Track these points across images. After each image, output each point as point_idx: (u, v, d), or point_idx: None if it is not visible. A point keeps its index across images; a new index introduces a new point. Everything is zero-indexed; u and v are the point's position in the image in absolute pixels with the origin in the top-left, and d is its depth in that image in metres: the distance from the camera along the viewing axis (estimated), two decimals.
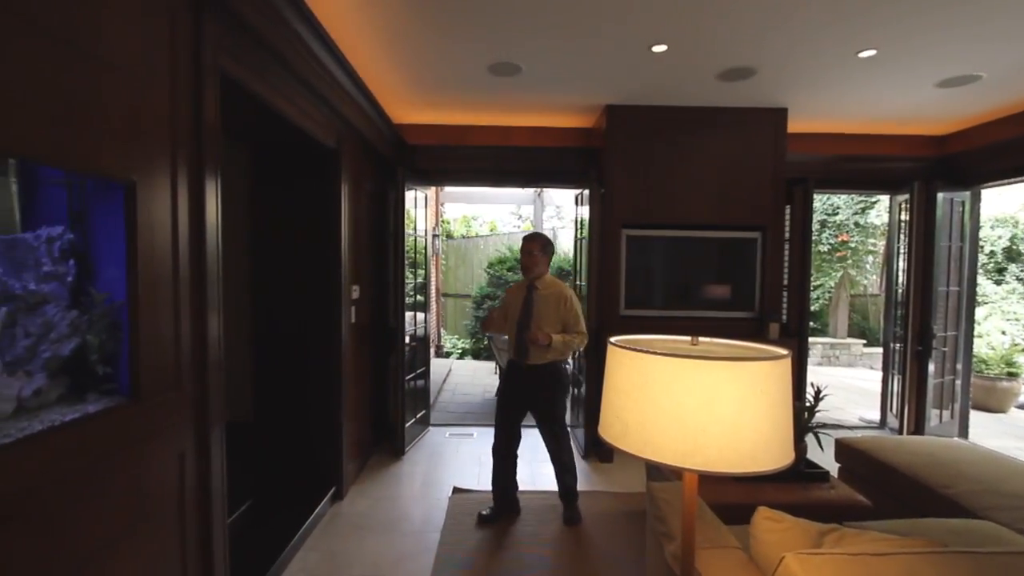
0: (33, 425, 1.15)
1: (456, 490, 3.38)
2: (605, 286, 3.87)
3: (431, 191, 5.29)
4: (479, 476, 3.64)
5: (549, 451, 2.99)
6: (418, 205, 4.53)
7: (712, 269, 4.00)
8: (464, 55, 2.94)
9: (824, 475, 2.37)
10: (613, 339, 1.07)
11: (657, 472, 2.64)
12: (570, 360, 5.17)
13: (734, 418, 0.90)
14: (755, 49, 2.82)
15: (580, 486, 3.45)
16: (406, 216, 4.05)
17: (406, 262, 4.09)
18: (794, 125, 3.95)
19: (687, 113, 3.80)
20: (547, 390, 2.89)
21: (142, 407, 1.41)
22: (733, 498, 2.15)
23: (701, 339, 1.11)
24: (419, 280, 4.64)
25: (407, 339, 4.12)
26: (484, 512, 2.95)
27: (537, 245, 2.90)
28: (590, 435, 3.98)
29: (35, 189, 1.45)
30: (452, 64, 3.07)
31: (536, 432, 3.07)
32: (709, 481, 2.19)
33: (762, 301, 3.93)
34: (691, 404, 0.90)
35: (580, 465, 3.84)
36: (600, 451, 3.95)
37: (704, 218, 3.88)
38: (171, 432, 1.54)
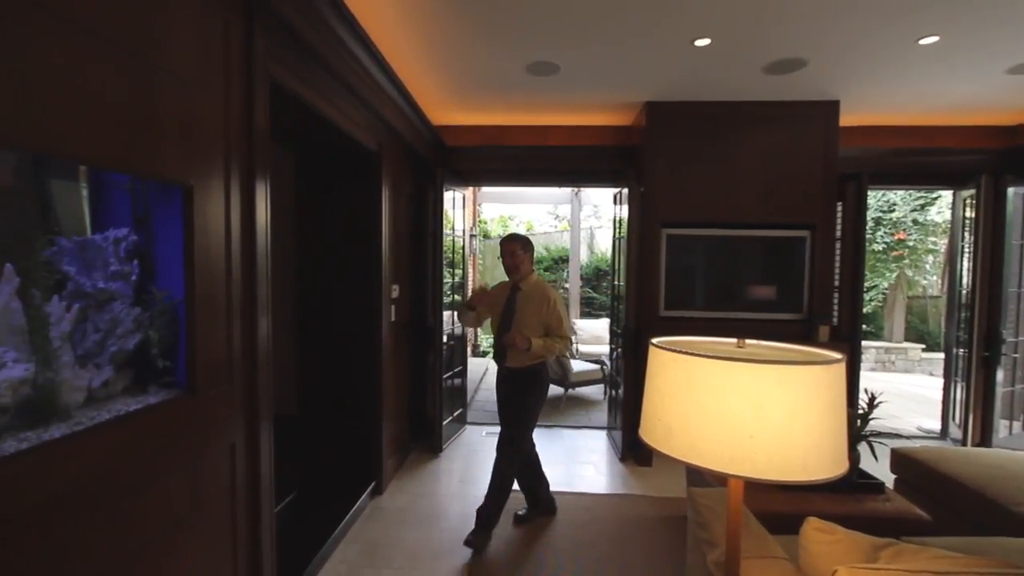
0: (101, 414, 1.23)
1: None
2: (644, 286, 3.80)
3: (469, 191, 5.34)
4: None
5: (496, 457, 2.81)
6: (456, 205, 4.58)
7: (756, 269, 3.86)
8: (503, 56, 2.95)
9: (879, 486, 2.25)
10: (655, 340, 1.05)
11: (698, 477, 2.58)
12: (602, 364, 5.13)
13: (784, 424, 0.86)
14: (805, 40, 2.71)
15: (617, 488, 3.42)
16: (444, 216, 4.11)
17: (444, 262, 4.15)
18: (846, 118, 3.77)
19: (731, 108, 3.68)
20: (520, 395, 2.77)
21: (198, 400, 1.48)
22: (779, 507, 2.07)
23: (747, 341, 1.07)
24: (456, 280, 4.69)
25: (445, 338, 4.17)
26: (520, 512, 2.95)
27: (518, 245, 2.82)
28: (627, 438, 3.91)
29: (103, 193, 1.55)
30: (490, 65, 3.09)
31: (566, 432, 3.04)
32: (754, 488, 2.12)
33: (811, 302, 3.77)
34: (739, 409, 0.87)
35: (618, 469, 3.80)
36: (638, 454, 3.88)
37: (749, 217, 3.76)
38: (223, 424, 1.62)
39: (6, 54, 0.94)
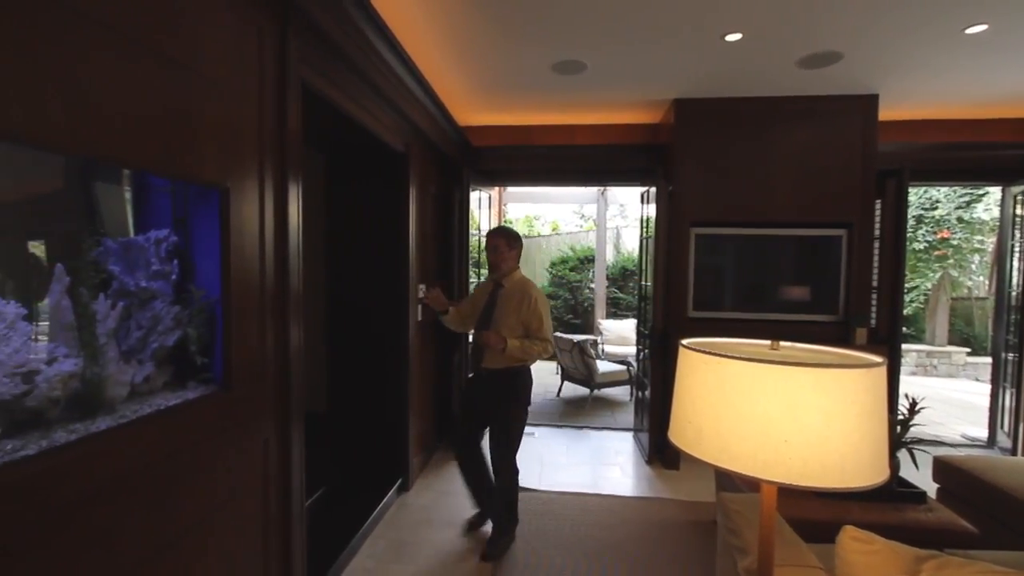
0: (143, 408, 1.28)
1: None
2: (672, 287, 3.74)
3: (494, 191, 5.36)
4: (540, 475, 3.64)
5: (492, 465, 2.70)
6: (482, 206, 4.60)
7: (789, 269, 3.76)
8: (528, 55, 2.94)
9: (920, 496, 2.15)
10: (685, 341, 1.03)
11: (728, 482, 2.52)
12: (628, 365, 5.06)
13: (821, 429, 0.83)
14: (842, 32, 2.62)
15: (644, 491, 3.38)
16: (470, 216, 4.13)
17: (470, 262, 4.17)
18: (885, 112, 3.63)
19: (763, 104, 3.59)
20: (501, 402, 2.60)
21: (233, 396, 1.53)
22: (813, 514, 2.01)
23: (781, 343, 1.04)
24: (482, 279, 4.71)
25: (470, 338, 4.19)
26: (472, 518, 2.89)
27: (503, 240, 2.64)
28: (654, 440, 3.86)
29: (145, 196, 1.61)
30: (516, 65, 3.09)
31: (592, 433, 2.99)
32: (787, 494, 2.06)
33: (847, 304, 3.64)
34: (773, 412, 0.85)
35: (644, 471, 3.75)
36: (665, 457, 3.82)
37: (781, 215, 3.66)
38: (257, 420, 1.66)
39: (61, 66, 0.99)
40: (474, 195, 4.23)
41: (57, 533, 1.00)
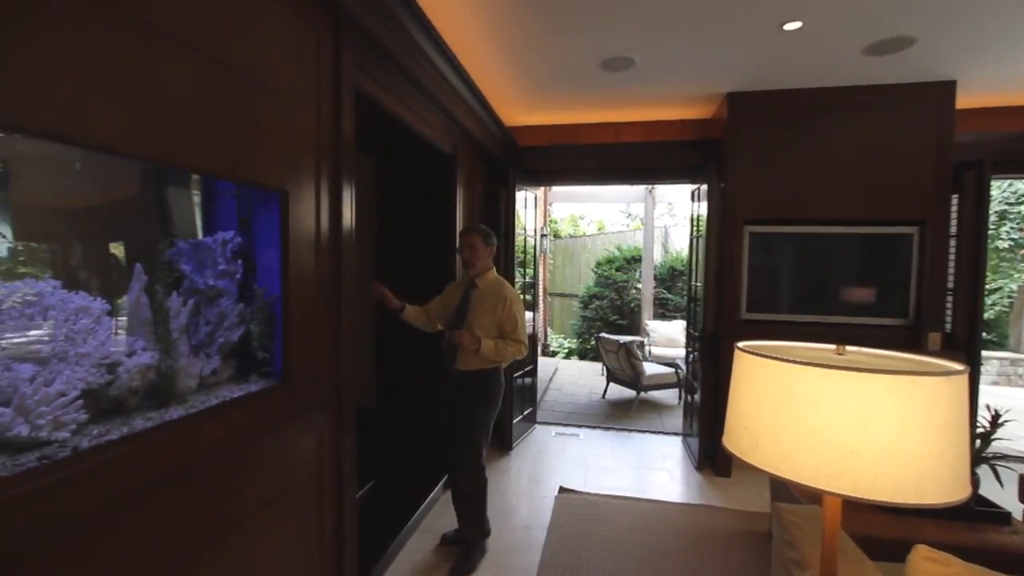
0: (211, 400, 1.37)
1: (562, 490, 3.37)
2: (724, 287, 3.61)
3: (540, 191, 5.35)
4: (585, 477, 3.60)
5: (461, 477, 2.54)
6: (527, 205, 4.60)
7: (852, 269, 3.54)
8: (576, 53, 2.92)
9: (1004, 516, 1.98)
10: (742, 344, 0.99)
11: (784, 492, 2.41)
12: (676, 367, 4.92)
13: (893, 441, 0.78)
14: (913, 14, 2.44)
15: (693, 498, 3.28)
16: (515, 216, 4.14)
17: (515, 262, 4.18)
18: (963, 99, 3.35)
19: (823, 95, 3.40)
20: (470, 402, 2.49)
21: (290, 389, 1.60)
22: (879, 531, 1.89)
23: (848, 348, 0.98)
24: (527, 279, 4.71)
25: None
26: (448, 533, 2.72)
27: (479, 237, 2.54)
28: (704, 445, 3.74)
29: (212, 199, 1.72)
30: (563, 63, 3.07)
31: (638, 436, 2.90)
32: (850, 508, 1.94)
33: (918, 306, 3.40)
34: (839, 421, 0.80)
35: (693, 477, 3.64)
36: (716, 463, 3.69)
37: (843, 212, 3.45)
38: (312, 413, 1.73)
39: (146, 82, 1.07)
40: (520, 195, 4.24)
41: (135, 510, 1.08)
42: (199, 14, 1.21)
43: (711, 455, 3.74)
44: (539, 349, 5.60)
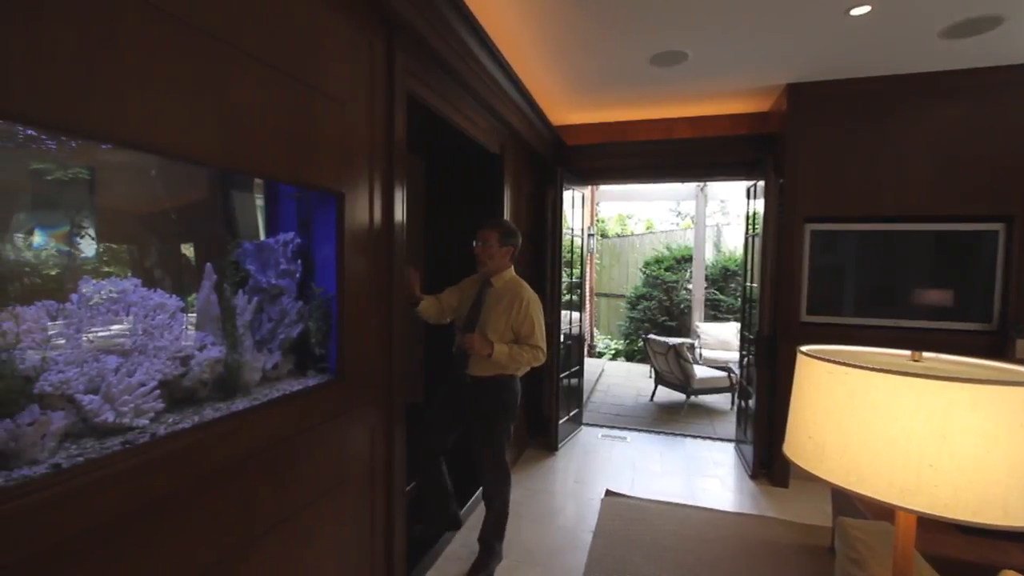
0: (272, 393, 1.44)
1: (609, 492, 3.33)
2: (782, 288, 3.45)
3: (587, 190, 5.30)
4: (633, 481, 3.53)
5: (483, 483, 2.46)
6: (575, 204, 4.57)
7: (925, 269, 3.29)
8: (625, 49, 2.87)
9: None
10: (805, 348, 0.94)
11: (848, 505, 2.27)
12: (729, 371, 4.73)
13: (979, 455, 0.72)
14: None
15: (747, 508, 3.15)
16: (563, 216, 4.12)
17: (563, 262, 4.16)
18: None
19: (893, 83, 3.18)
20: (485, 413, 2.36)
21: (345, 385, 1.66)
22: (957, 552, 1.75)
23: (924, 354, 0.91)
24: (574, 279, 4.68)
25: (562, 337, 4.18)
26: (418, 526, 2.59)
27: (495, 235, 2.37)
28: (760, 453, 3.58)
29: (274, 202, 1.80)
30: (613, 60, 3.03)
31: (688, 441, 2.79)
32: (925, 526, 1.81)
33: (1004, 311, 3.11)
34: (916, 432, 0.75)
35: (747, 486, 3.50)
36: (772, 472, 3.53)
37: (916, 208, 3.21)
38: (365, 409, 1.79)
39: (215, 92, 1.14)
40: (567, 194, 4.21)
41: (205, 494, 1.15)
42: (264, 28, 1.28)
43: (767, 464, 3.58)
44: (585, 350, 5.54)
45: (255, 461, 1.29)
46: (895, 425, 0.76)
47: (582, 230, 4.83)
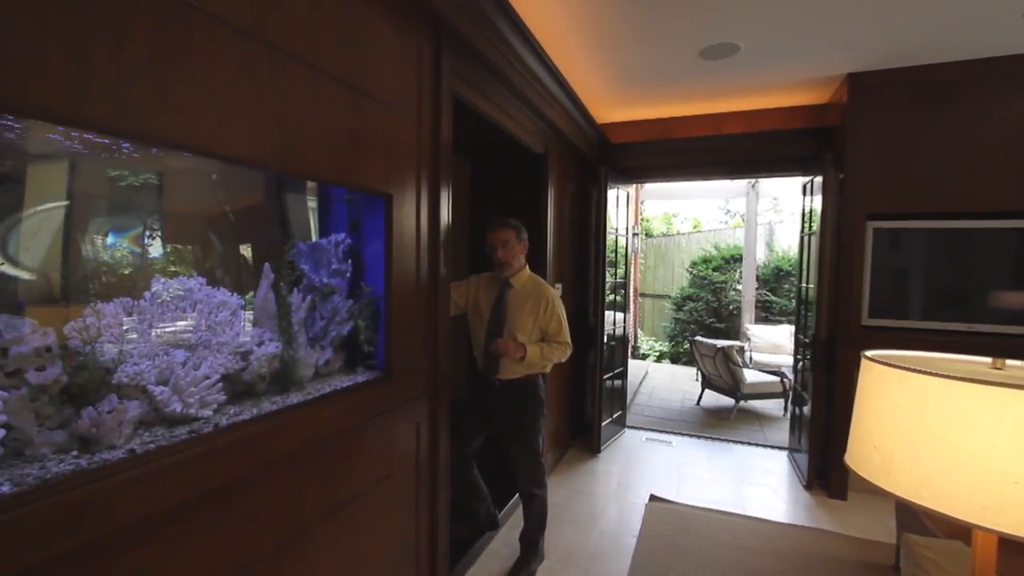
0: (324, 388, 1.49)
1: (653, 498, 3.26)
2: (841, 290, 3.27)
3: (632, 189, 5.20)
4: (678, 487, 3.44)
5: (516, 481, 2.46)
6: (619, 203, 4.50)
7: (1007, 269, 3.03)
8: (673, 43, 2.79)
9: None
10: (869, 353, 0.88)
11: (915, 522, 2.12)
12: (782, 375, 4.52)
13: None
14: None
15: (800, 519, 3.01)
16: (606, 216, 4.06)
17: (606, 262, 4.10)
18: None
19: (970, 69, 2.95)
20: (516, 415, 2.35)
21: (393, 381, 1.70)
22: None
23: (1008, 361, 0.84)
24: (617, 279, 4.61)
25: (605, 338, 4.13)
26: (454, 526, 2.47)
27: (513, 234, 2.33)
28: (814, 462, 3.41)
29: (327, 204, 1.87)
30: (660, 55, 2.96)
31: (736, 448, 2.68)
32: (1005, 548, 1.67)
33: None
34: (999, 446, 0.69)
35: (802, 497, 3.34)
36: (829, 484, 3.35)
37: (996, 203, 2.97)
38: (411, 405, 1.82)
39: (274, 99, 1.19)
40: (611, 193, 4.16)
41: (264, 483, 1.21)
42: (318, 36, 1.33)
43: (823, 474, 3.41)
44: (629, 351, 5.43)
45: (308, 453, 1.35)
46: (974, 438, 0.71)
47: (626, 229, 4.75)
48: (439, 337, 1.97)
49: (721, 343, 5.26)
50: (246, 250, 1.82)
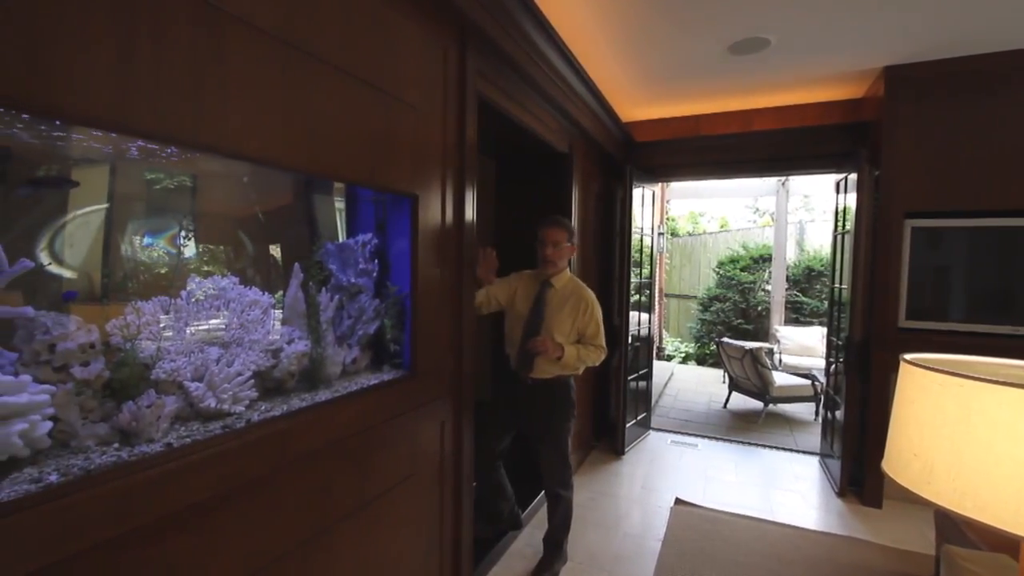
0: (351, 386, 1.51)
1: (679, 501, 3.21)
2: (877, 291, 3.15)
3: (657, 187, 5.13)
4: (704, 490, 3.38)
5: (544, 481, 2.45)
6: (644, 203, 4.44)
7: None
8: (700, 39, 2.74)
9: None
10: (909, 356, 0.85)
11: (956, 532, 2.04)
12: (813, 378, 4.38)
13: None
14: None
15: (833, 527, 2.92)
16: (632, 215, 4.02)
17: (631, 262, 4.06)
18: None
19: (1014, 60, 2.81)
20: (547, 415, 2.35)
21: (418, 380, 1.71)
22: None
23: None
24: (642, 279, 4.55)
25: (629, 339, 4.08)
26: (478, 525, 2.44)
27: (564, 234, 2.33)
28: (848, 469, 3.31)
29: (354, 204, 1.90)
30: (688, 51, 2.91)
31: (765, 452, 2.61)
32: None
33: None
34: None
35: (834, 504, 3.24)
36: (863, 491, 3.24)
37: None
38: (436, 404, 1.84)
39: (305, 103, 1.22)
40: (636, 192, 4.11)
41: (293, 478, 1.23)
42: (346, 40, 1.35)
43: (857, 481, 3.30)
44: (653, 352, 5.35)
45: (335, 449, 1.37)
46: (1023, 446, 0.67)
47: (651, 229, 4.68)
48: (463, 336, 1.98)
49: (749, 345, 5.14)
50: (275, 250, 1.86)
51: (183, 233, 1.53)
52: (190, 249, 1.56)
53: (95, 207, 1.29)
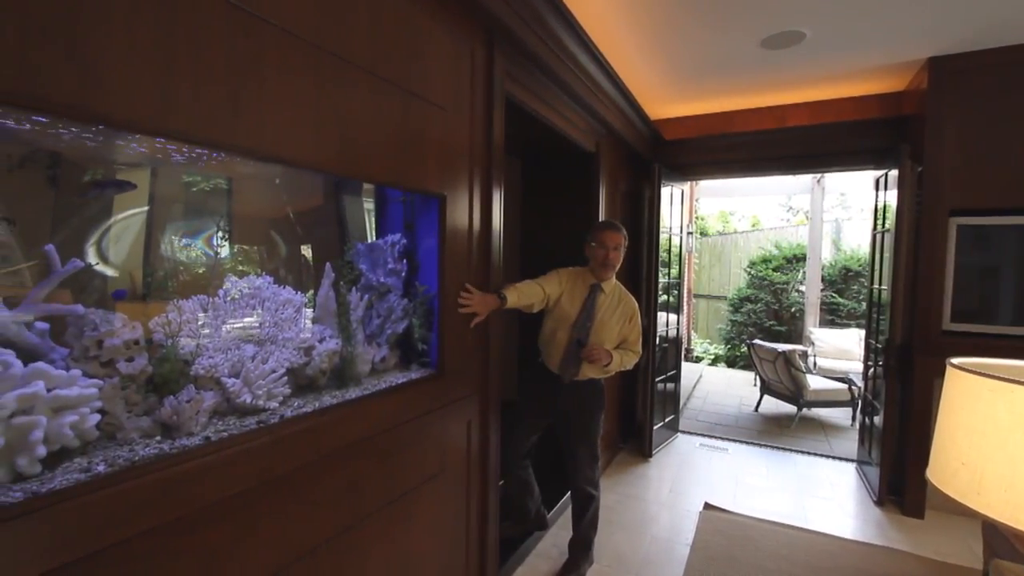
0: (380, 384, 1.54)
1: (708, 506, 3.14)
2: (920, 292, 3.02)
3: (686, 186, 5.04)
4: (734, 495, 3.31)
5: (573, 480, 2.43)
6: (672, 202, 4.37)
7: None
8: (732, 34, 2.68)
9: None
10: (956, 361, 0.81)
11: (1006, 546, 1.93)
12: (849, 382, 4.22)
13: None
14: None
15: (871, 537, 2.82)
16: (660, 213, 3.96)
17: (659, 262, 4.00)
18: None
19: None
20: (585, 412, 2.36)
21: (445, 379, 1.73)
22: None
23: None
24: (671, 280, 4.48)
25: (657, 340, 4.02)
26: (503, 524, 2.40)
27: (624, 240, 2.33)
28: (887, 477, 3.18)
29: (383, 205, 1.93)
30: (717, 47, 2.85)
31: (799, 458, 2.52)
32: None
33: None
34: None
35: (872, 514, 3.13)
36: (904, 500, 3.11)
37: None
38: (463, 403, 1.85)
39: (335, 105, 1.24)
40: (665, 191, 4.04)
41: (324, 473, 1.26)
42: (376, 43, 1.37)
43: (897, 490, 3.17)
44: (682, 354, 5.26)
45: (364, 446, 1.39)
46: None
47: (680, 228, 4.61)
48: (490, 336, 1.99)
49: (782, 347, 5.01)
50: (307, 250, 1.90)
51: (219, 234, 1.58)
52: (226, 249, 1.61)
53: (137, 209, 1.34)
